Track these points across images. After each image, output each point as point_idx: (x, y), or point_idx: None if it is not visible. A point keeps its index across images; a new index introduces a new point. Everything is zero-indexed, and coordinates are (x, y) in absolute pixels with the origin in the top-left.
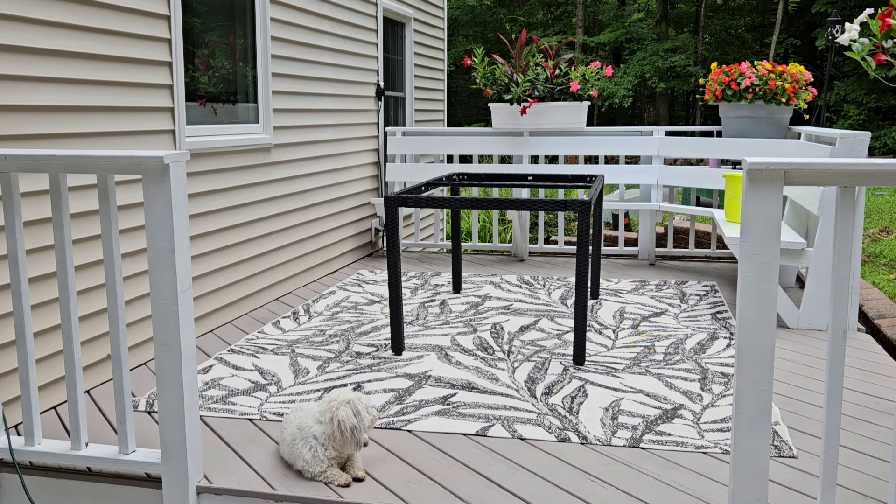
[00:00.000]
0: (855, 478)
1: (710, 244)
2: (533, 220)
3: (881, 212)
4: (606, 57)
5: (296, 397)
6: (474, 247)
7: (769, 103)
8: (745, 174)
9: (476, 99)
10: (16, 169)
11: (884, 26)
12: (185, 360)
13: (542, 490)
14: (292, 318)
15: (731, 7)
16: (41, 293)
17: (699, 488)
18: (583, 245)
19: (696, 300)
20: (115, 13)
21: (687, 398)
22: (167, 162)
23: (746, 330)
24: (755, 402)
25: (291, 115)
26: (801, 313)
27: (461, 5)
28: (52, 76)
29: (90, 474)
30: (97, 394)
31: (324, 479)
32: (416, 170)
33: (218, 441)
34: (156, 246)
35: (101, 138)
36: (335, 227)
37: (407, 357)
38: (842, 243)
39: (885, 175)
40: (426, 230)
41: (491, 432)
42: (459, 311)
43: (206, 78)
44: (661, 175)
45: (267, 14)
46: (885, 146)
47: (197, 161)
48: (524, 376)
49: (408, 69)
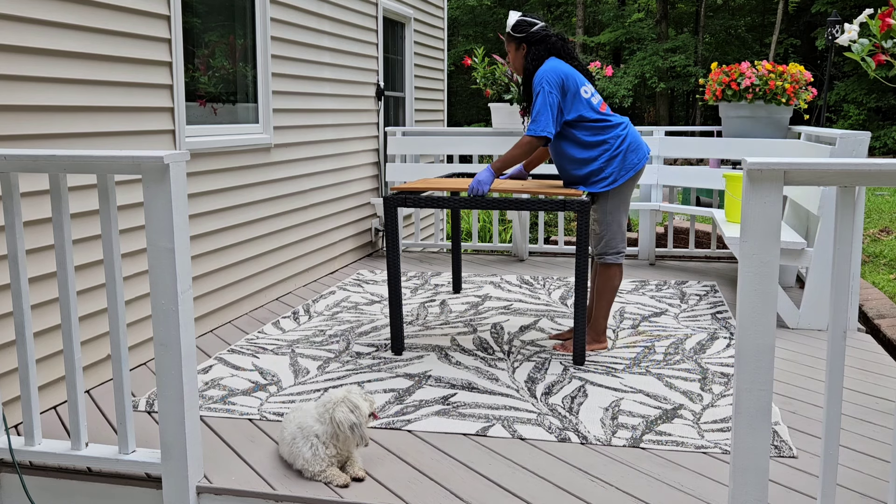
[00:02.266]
0: (855, 478)
1: (710, 244)
2: (533, 220)
3: (881, 212)
4: (606, 57)
5: (296, 397)
6: (474, 247)
7: (769, 103)
8: (745, 174)
9: (476, 99)
10: (16, 169)
11: (883, 26)
12: (185, 360)
13: (542, 490)
14: (292, 318)
15: (731, 7)
16: (41, 293)
17: (699, 488)
18: (583, 245)
19: (696, 300)
20: (115, 13)
21: (687, 398)
22: (167, 162)
23: (746, 330)
24: (755, 402)
25: (291, 115)
26: (801, 313)
27: (461, 5)
28: (53, 76)
29: (90, 474)
30: (97, 394)
31: (323, 478)
32: (416, 170)
33: (218, 441)
34: (156, 246)
35: (101, 138)
36: (335, 227)
37: (407, 357)
38: (842, 243)
39: (885, 175)
40: (426, 230)
41: (491, 432)
42: (459, 311)
43: (206, 78)
44: (661, 175)
45: (267, 14)
46: (885, 146)
47: (197, 161)
48: (524, 376)
49: (408, 69)
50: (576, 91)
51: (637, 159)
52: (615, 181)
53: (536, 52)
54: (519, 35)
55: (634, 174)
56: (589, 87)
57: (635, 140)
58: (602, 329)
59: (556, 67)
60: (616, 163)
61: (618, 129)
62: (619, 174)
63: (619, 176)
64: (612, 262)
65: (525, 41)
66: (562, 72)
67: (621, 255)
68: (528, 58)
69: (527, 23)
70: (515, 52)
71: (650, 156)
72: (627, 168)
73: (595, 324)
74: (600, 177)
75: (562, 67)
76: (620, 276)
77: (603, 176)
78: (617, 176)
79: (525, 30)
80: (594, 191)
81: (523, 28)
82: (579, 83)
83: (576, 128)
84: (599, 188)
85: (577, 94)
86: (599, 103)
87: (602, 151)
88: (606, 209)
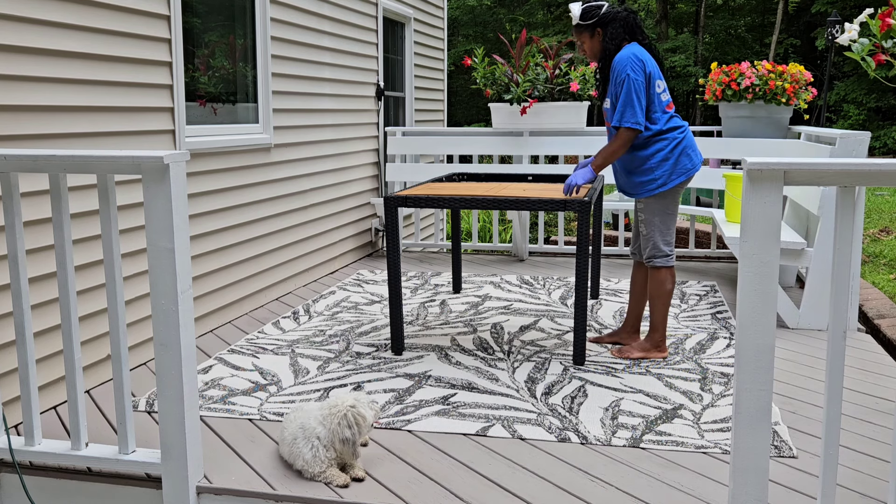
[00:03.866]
0: (855, 478)
1: (710, 244)
2: (533, 220)
3: (881, 212)
4: None
5: (296, 397)
6: (474, 247)
7: (769, 103)
8: (745, 174)
9: (476, 99)
10: (16, 169)
11: (883, 26)
12: (185, 360)
13: (542, 490)
14: (292, 318)
15: (731, 7)
16: (41, 293)
17: (699, 488)
18: (583, 245)
19: (696, 300)
20: (115, 13)
21: (687, 398)
22: (167, 162)
23: (746, 330)
24: (755, 402)
25: (291, 115)
26: (801, 313)
27: (461, 5)
28: (52, 76)
29: (90, 474)
30: (97, 394)
31: (323, 479)
32: (416, 170)
33: (218, 441)
34: (156, 246)
35: (101, 138)
36: (335, 227)
37: (407, 357)
38: (842, 243)
39: (885, 175)
40: (426, 230)
41: (491, 432)
42: (459, 311)
43: (206, 78)
44: None
45: (267, 14)
46: (885, 146)
47: (197, 161)
48: (524, 376)
49: (408, 69)
50: (652, 84)
51: (691, 164)
52: (664, 184)
53: (614, 31)
54: (591, 21)
55: (685, 179)
56: (662, 82)
57: (691, 144)
58: (661, 337)
59: (639, 55)
60: (668, 165)
61: (677, 132)
62: (669, 178)
63: (670, 180)
64: (662, 266)
65: (599, 25)
66: (643, 59)
67: (671, 257)
68: (606, 39)
69: (594, 6)
70: (591, 40)
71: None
72: (679, 172)
73: (653, 332)
74: (650, 177)
75: (644, 55)
76: (673, 280)
77: (653, 177)
78: (667, 179)
79: (595, 13)
80: (643, 195)
81: (594, 13)
82: (655, 76)
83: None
84: (648, 191)
85: (653, 87)
86: (667, 102)
87: (657, 151)
88: (654, 210)
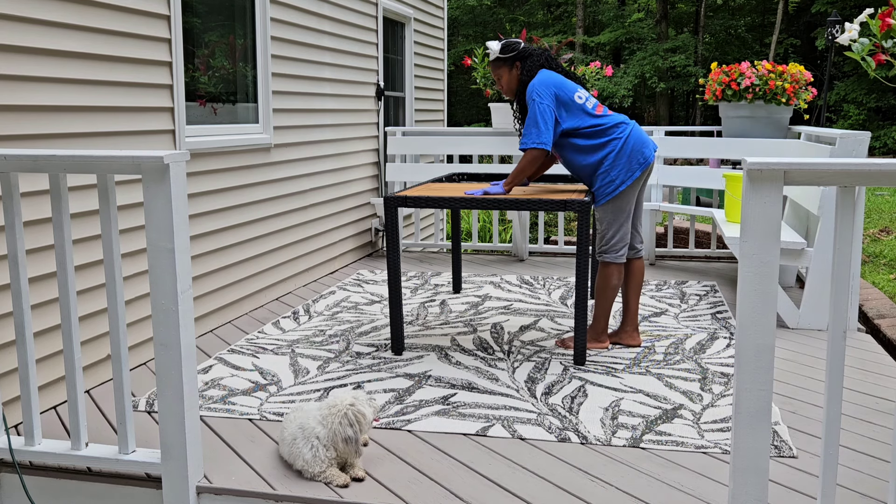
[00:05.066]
0: (855, 478)
1: (710, 244)
2: (533, 220)
3: (881, 212)
4: (606, 57)
5: (296, 397)
6: (474, 247)
7: (769, 103)
8: (745, 174)
9: (476, 99)
10: (16, 169)
11: (884, 26)
12: (185, 360)
13: (542, 490)
14: (292, 318)
15: (731, 7)
16: (41, 293)
17: (699, 488)
18: (583, 245)
19: (696, 300)
20: (115, 13)
21: (687, 398)
22: (167, 162)
23: (746, 330)
24: (755, 402)
25: (291, 115)
26: (801, 313)
27: (461, 5)
28: (52, 76)
29: (90, 474)
30: (97, 394)
31: (323, 479)
32: (416, 170)
33: (218, 441)
34: (156, 246)
35: (101, 138)
36: (335, 227)
37: (407, 357)
38: (842, 243)
39: (885, 175)
40: (426, 230)
41: (491, 432)
42: (459, 311)
43: (206, 78)
44: (661, 175)
45: (267, 14)
46: (885, 146)
47: (197, 161)
48: (524, 376)
49: (408, 69)
50: (570, 99)
51: (643, 157)
52: (624, 181)
53: (530, 65)
54: (510, 55)
55: (642, 172)
56: (582, 91)
57: (639, 137)
58: (602, 329)
59: (546, 79)
60: (622, 163)
61: (618, 130)
62: (627, 174)
63: (628, 176)
64: (611, 261)
65: (517, 58)
66: (553, 82)
67: (621, 255)
68: (523, 73)
69: (513, 42)
70: (509, 74)
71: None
72: (634, 168)
73: (594, 323)
74: (608, 179)
75: (552, 78)
76: (620, 276)
77: (611, 178)
78: (626, 176)
79: (515, 47)
80: (604, 200)
81: (513, 47)
82: (572, 90)
83: (576, 136)
84: (608, 194)
85: (572, 101)
86: (595, 106)
87: (605, 155)
88: (608, 208)
